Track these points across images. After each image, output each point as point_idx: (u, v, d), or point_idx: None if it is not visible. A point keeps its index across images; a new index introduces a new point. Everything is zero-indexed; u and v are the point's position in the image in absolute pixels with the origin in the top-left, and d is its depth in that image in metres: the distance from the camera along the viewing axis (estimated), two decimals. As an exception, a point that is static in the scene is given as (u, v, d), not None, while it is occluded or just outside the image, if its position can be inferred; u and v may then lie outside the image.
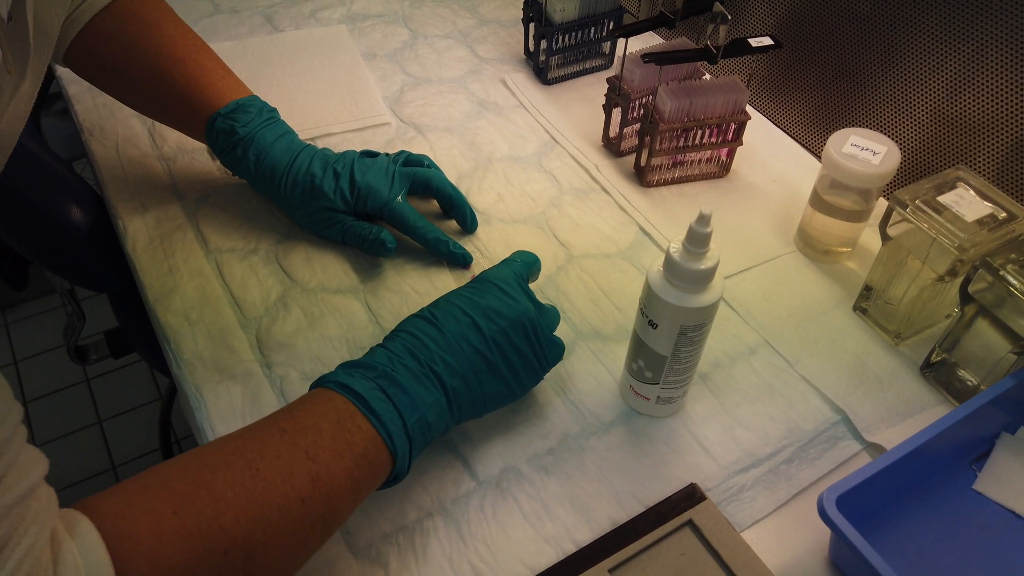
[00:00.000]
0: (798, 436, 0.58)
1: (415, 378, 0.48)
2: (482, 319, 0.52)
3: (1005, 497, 0.55)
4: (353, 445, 0.44)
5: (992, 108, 0.68)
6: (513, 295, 0.54)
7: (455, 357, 0.50)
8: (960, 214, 0.58)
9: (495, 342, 0.52)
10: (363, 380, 0.47)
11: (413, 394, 0.48)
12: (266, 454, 0.42)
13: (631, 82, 0.77)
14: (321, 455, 0.43)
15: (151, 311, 0.65)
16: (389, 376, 0.48)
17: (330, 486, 0.43)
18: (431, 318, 0.52)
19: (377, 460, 0.46)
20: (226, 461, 0.41)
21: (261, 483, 0.40)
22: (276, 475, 0.41)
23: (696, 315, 0.50)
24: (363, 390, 0.46)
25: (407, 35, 0.98)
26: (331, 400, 0.46)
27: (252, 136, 0.67)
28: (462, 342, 0.51)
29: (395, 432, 0.46)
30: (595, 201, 0.77)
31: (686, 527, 0.52)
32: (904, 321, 0.64)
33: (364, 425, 0.45)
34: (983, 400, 0.54)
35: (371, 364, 0.48)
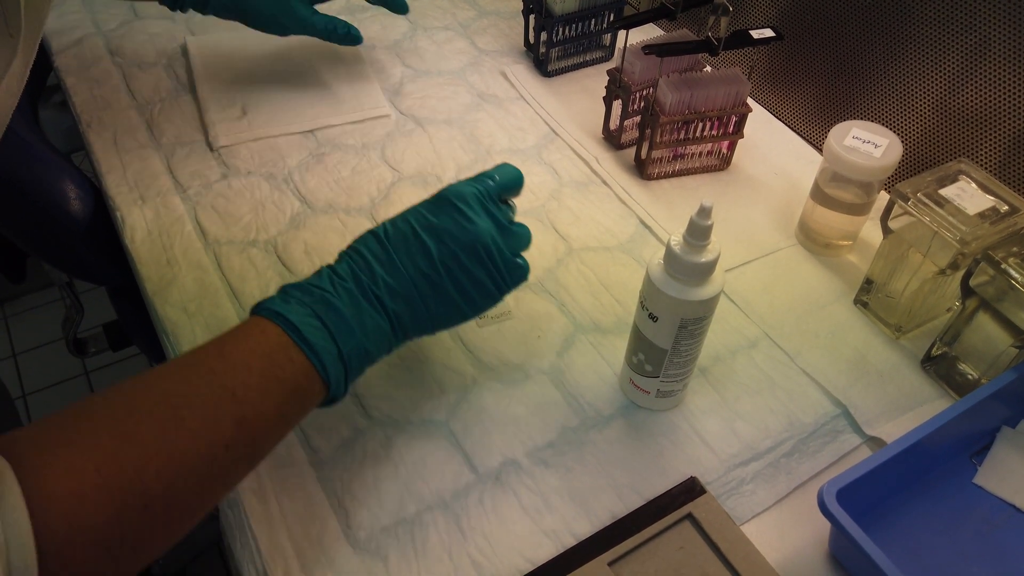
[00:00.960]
0: (798, 429, 0.58)
1: (355, 303, 0.48)
2: (432, 241, 0.50)
3: (1005, 491, 0.55)
4: (284, 380, 0.44)
5: (994, 101, 0.68)
6: (469, 215, 0.51)
7: (399, 281, 0.49)
8: (962, 207, 0.58)
9: (444, 265, 0.50)
10: (299, 307, 0.46)
11: (350, 319, 0.47)
12: (193, 400, 0.41)
13: (632, 74, 0.76)
14: (249, 395, 0.43)
15: (150, 303, 0.65)
16: (327, 302, 0.47)
17: (256, 427, 0.43)
18: (382, 237, 0.51)
19: (309, 390, 0.46)
20: (152, 410, 0.40)
21: (186, 432, 0.40)
22: (201, 423, 0.41)
23: (696, 308, 0.50)
24: (297, 319, 0.46)
25: (406, 27, 0.98)
26: (264, 332, 0.45)
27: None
28: (408, 265, 0.50)
29: (329, 360, 0.46)
30: (595, 194, 0.77)
31: (686, 520, 0.52)
32: (905, 314, 0.63)
33: (297, 357, 0.45)
34: (984, 394, 0.54)
35: (311, 288, 0.48)
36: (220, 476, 0.42)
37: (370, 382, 0.59)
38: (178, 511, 0.40)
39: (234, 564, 0.51)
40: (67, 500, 0.36)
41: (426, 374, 0.60)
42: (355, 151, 0.80)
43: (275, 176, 0.76)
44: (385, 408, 0.58)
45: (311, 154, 0.79)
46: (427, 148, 0.80)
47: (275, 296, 0.48)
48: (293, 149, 0.79)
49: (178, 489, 0.39)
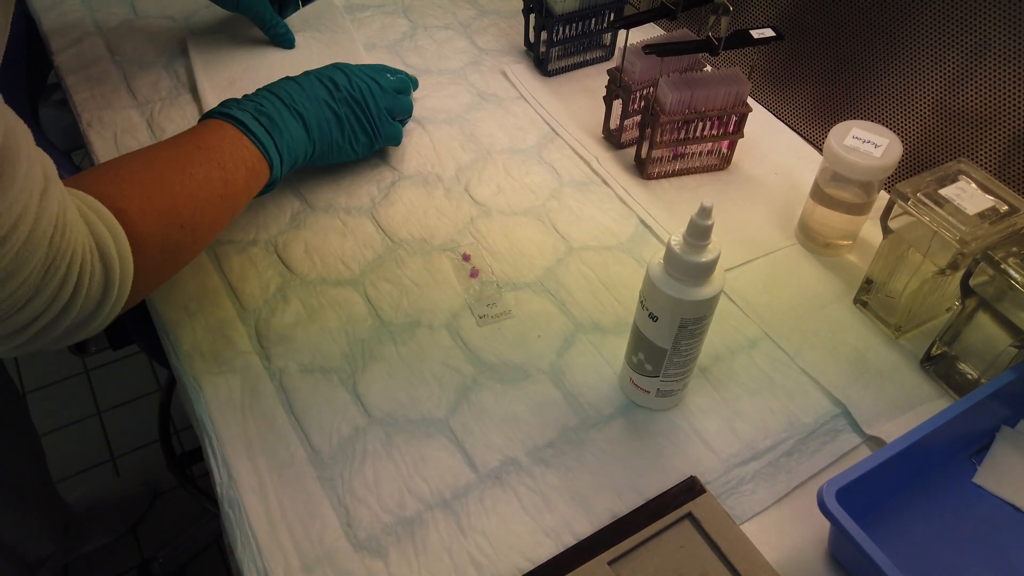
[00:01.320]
0: (798, 429, 0.58)
1: (281, 112, 0.65)
2: (331, 85, 0.70)
3: (1005, 490, 0.55)
4: (245, 159, 0.61)
5: (994, 101, 0.68)
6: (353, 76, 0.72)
7: (311, 102, 0.68)
8: (961, 207, 0.58)
9: (343, 101, 0.70)
10: (242, 112, 0.63)
11: (279, 123, 0.64)
12: (194, 162, 0.57)
13: (632, 74, 0.76)
14: (228, 165, 0.59)
15: (150, 303, 0.65)
16: (262, 111, 0.64)
17: (235, 188, 0.60)
18: (295, 80, 0.69)
19: (261, 172, 0.63)
20: (170, 166, 0.56)
21: (194, 183, 0.56)
22: (204, 178, 0.57)
23: (696, 308, 0.50)
24: (245, 119, 0.62)
25: (406, 26, 0.98)
26: (223, 127, 0.61)
27: None
28: (317, 95, 0.69)
29: (270, 149, 0.63)
30: (595, 193, 0.77)
31: (686, 520, 0.52)
32: (905, 314, 0.63)
33: (249, 145, 0.62)
34: (983, 394, 0.54)
35: (247, 100, 0.65)
36: (218, 217, 0.59)
37: (370, 381, 0.60)
38: (199, 232, 0.57)
39: (234, 563, 0.51)
40: (136, 215, 0.51)
41: (426, 373, 0.60)
42: (355, 150, 0.80)
43: (275, 175, 0.76)
44: (385, 407, 0.58)
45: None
46: (427, 147, 0.80)
47: (221, 105, 0.64)
48: (293, 148, 0.79)
49: (197, 220, 0.56)
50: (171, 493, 1.38)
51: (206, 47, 0.90)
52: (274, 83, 0.69)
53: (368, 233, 0.71)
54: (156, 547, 1.23)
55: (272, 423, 0.57)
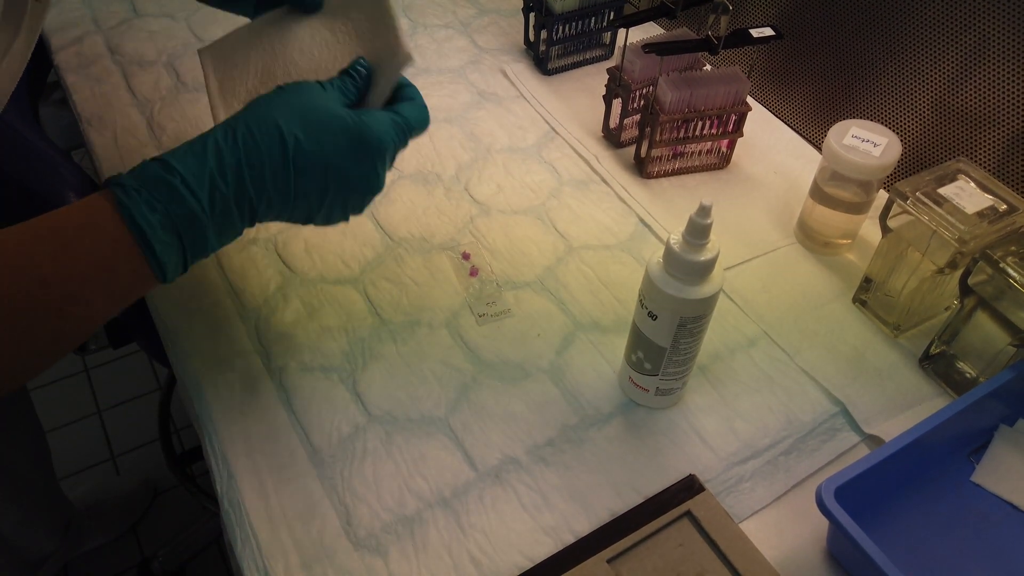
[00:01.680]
0: (797, 428, 0.58)
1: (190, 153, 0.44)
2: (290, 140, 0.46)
3: (1003, 489, 0.55)
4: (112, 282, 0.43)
5: (993, 100, 0.68)
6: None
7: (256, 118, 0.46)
8: (960, 206, 0.58)
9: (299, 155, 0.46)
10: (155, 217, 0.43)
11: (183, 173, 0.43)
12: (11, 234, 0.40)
13: (631, 73, 0.76)
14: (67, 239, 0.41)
15: (150, 302, 0.65)
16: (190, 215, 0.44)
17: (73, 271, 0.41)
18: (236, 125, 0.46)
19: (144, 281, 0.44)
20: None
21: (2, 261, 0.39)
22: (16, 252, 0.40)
23: (695, 307, 0.50)
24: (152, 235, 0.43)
25: (406, 25, 0.98)
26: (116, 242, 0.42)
27: None
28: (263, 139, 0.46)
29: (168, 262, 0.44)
30: (595, 192, 0.77)
31: (684, 518, 0.52)
32: (903, 313, 0.64)
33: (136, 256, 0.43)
34: (982, 392, 0.54)
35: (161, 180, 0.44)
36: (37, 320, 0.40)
37: (370, 379, 0.60)
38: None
39: (235, 561, 0.51)
40: None
41: (426, 372, 0.60)
42: (355, 149, 0.80)
43: (275, 174, 0.76)
44: (385, 405, 0.58)
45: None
46: (427, 146, 0.81)
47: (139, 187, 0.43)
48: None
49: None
50: (171, 492, 1.38)
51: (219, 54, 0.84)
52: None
53: (368, 232, 0.71)
54: (156, 546, 1.23)
55: (272, 422, 0.57)
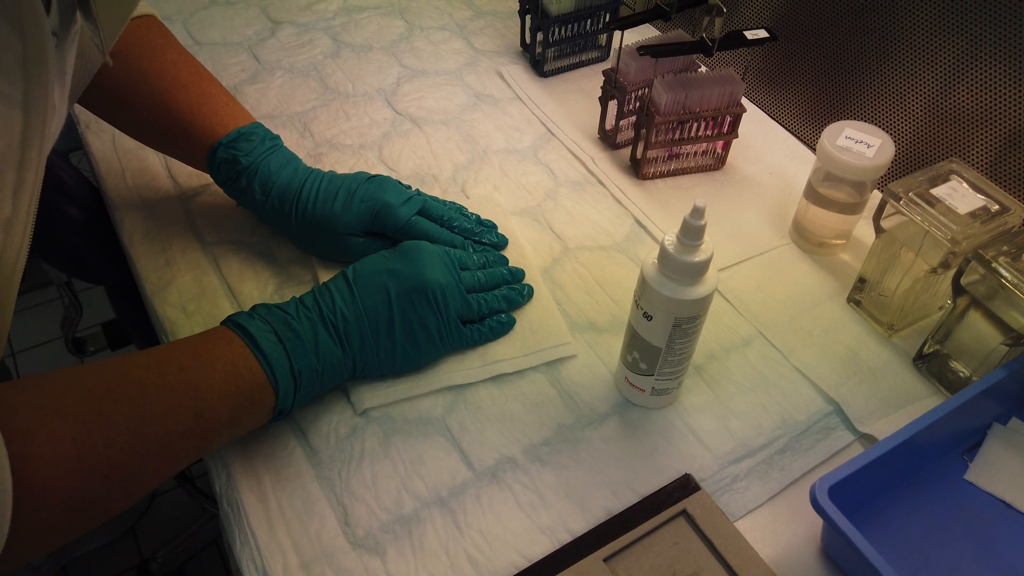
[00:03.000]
0: (791, 427, 0.59)
1: (313, 327, 0.54)
2: (391, 281, 0.57)
3: (996, 487, 0.56)
4: (240, 386, 0.50)
5: (985, 101, 0.68)
6: (428, 263, 0.58)
7: (355, 313, 0.55)
8: (953, 207, 0.58)
9: (399, 303, 0.57)
10: (261, 323, 0.53)
11: (306, 340, 0.53)
12: (162, 390, 0.47)
13: (627, 74, 0.77)
14: (210, 395, 0.48)
15: (149, 303, 0.65)
16: (287, 323, 0.53)
17: (210, 423, 0.49)
18: (348, 277, 0.57)
19: (261, 399, 0.51)
20: (128, 392, 0.46)
21: (151, 417, 0.46)
22: (166, 410, 0.46)
23: (690, 307, 0.51)
24: (257, 333, 0.52)
25: (403, 27, 0.98)
26: (230, 342, 0.51)
27: (256, 165, 0.64)
28: (367, 299, 0.56)
29: (280, 372, 0.51)
30: (591, 193, 0.77)
31: (680, 517, 0.52)
32: (897, 313, 0.64)
33: (255, 367, 0.51)
34: (975, 391, 0.54)
35: (275, 309, 0.54)
36: (171, 459, 0.48)
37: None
38: (131, 483, 0.45)
39: (233, 561, 0.51)
40: (45, 466, 0.40)
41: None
42: (352, 151, 0.80)
43: (273, 176, 0.77)
44: (382, 406, 0.59)
45: (308, 154, 0.79)
46: (424, 148, 0.81)
47: (243, 312, 0.54)
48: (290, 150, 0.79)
49: (135, 465, 0.45)
50: (169, 493, 1.38)
51: None
52: (330, 280, 0.58)
53: (365, 234, 0.72)
54: (155, 547, 1.23)
55: (270, 423, 0.57)
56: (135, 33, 0.64)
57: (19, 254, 0.43)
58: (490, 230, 0.70)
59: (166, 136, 0.67)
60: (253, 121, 0.66)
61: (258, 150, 0.65)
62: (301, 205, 0.64)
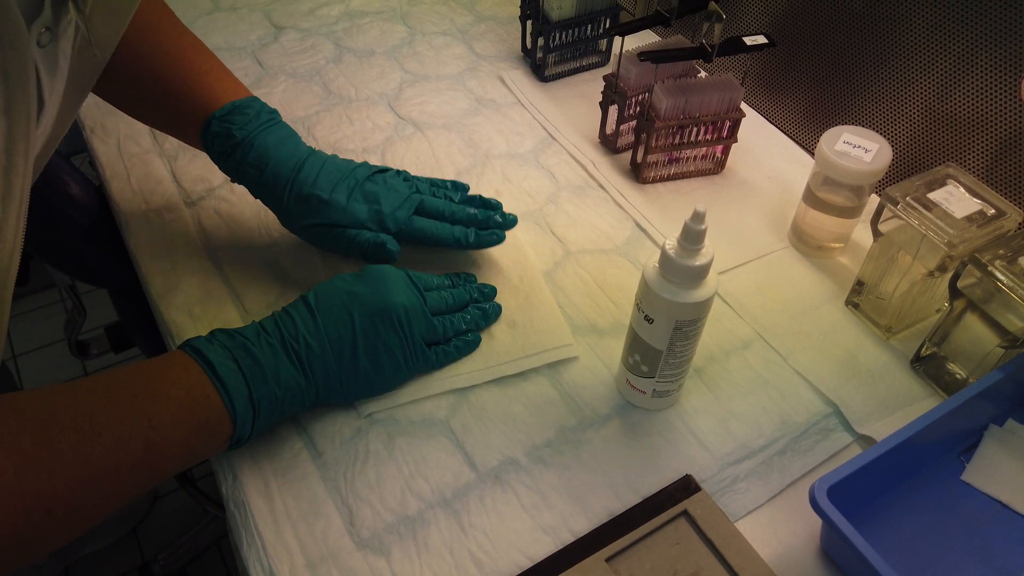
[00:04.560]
0: (791, 428, 0.59)
1: (273, 353, 0.52)
2: (354, 306, 0.56)
3: (993, 487, 0.56)
4: (196, 414, 0.48)
5: (982, 106, 0.69)
6: (391, 287, 0.57)
7: (318, 340, 0.54)
8: (950, 211, 0.59)
9: (363, 328, 0.55)
10: (220, 349, 0.51)
11: (266, 367, 0.51)
12: (112, 419, 0.45)
13: (627, 80, 0.78)
14: (162, 424, 0.46)
15: (155, 307, 0.66)
16: (247, 349, 0.51)
17: (162, 453, 0.47)
18: (310, 302, 0.56)
19: (218, 427, 0.50)
20: (75, 422, 0.43)
21: (100, 448, 0.43)
22: (115, 441, 0.44)
23: (691, 310, 0.51)
24: (216, 359, 0.50)
25: (405, 32, 0.99)
26: (186, 368, 0.50)
27: (251, 139, 0.62)
28: (330, 326, 0.55)
29: (238, 400, 0.50)
30: (592, 197, 0.78)
31: (681, 517, 0.53)
32: (895, 315, 0.65)
33: (211, 393, 0.49)
34: (972, 393, 0.55)
35: (235, 334, 0.53)
36: (119, 492, 0.45)
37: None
38: (75, 517, 0.43)
39: (240, 562, 0.52)
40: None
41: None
42: (356, 155, 0.81)
43: (277, 180, 0.77)
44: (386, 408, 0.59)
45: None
46: (426, 152, 0.82)
47: (202, 336, 0.53)
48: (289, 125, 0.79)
49: (80, 498, 0.42)
50: (171, 495, 1.39)
51: None
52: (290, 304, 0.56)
53: (368, 237, 0.72)
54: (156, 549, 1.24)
55: (275, 425, 0.58)
56: None
57: (11, 258, 0.42)
58: (496, 211, 0.68)
59: (161, 111, 0.66)
60: (250, 95, 0.65)
61: (253, 124, 0.63)
62: (296, 187, 0.62)
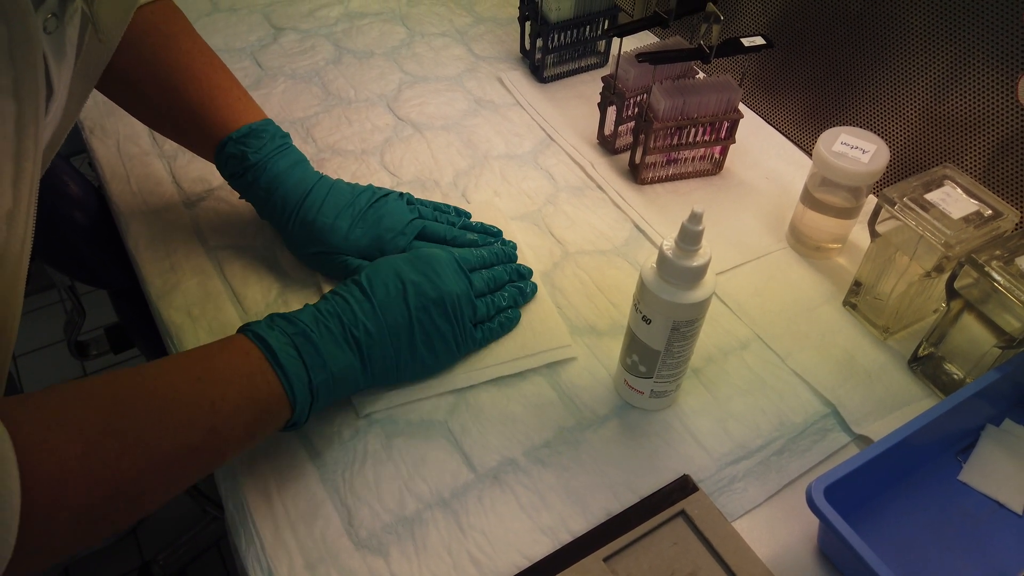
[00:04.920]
0: (788, 428, 0.60)
1: (333, 340, 0.53)
2: (410, 293, 0.57)
3: (989, 487, 0.57)
4: (257, 400, 0.49)
5: (978, 107, 0.69)
6: (443, 273, 0.59)
7: (376, 325, 0.55)
8: (947, 211, 0.59)
9: (417, 317, 0.57)
10: (280, 335, 0.51)
11: (325, 355, 0.52)
12: (175, 401, 0.46)
13: (626, 81, 0.78)
14: (224, 407, 0.47)
15: (154, 307, 0.66)
16: (306, 335, 0.52)
17: (224, 437, 0.48)
18: (365, 286, 0.56)
19: (277, 412, 0.50)
20: (137, 405, 0.44)
21: (163, 431, 0.44)
22: (178, 426, 0.45)
23: (688, 311, 0.51)
24: (277, 346, 0.50)
25: (404, 33, 0.99)
26: (247, 354, 0.50)
27: (263, 163, 0.64)
28: (386, 313, 0.56)
29: (298, 387, 0.50)
30: (590, 198, 0.78)
31: (679, 517, 0.53)
32: (892, 316, 0.65)
33: (272, 379, 0.50)
34: (968, 393, 0.55)
35: (295, 320, 0.53)
36: (183, 474, 0.47)
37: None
38: (141, 498, 0.44)
39: (239, 563, 0.52)
40: (51, 482, 0.39)
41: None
42: (355, 156, 0.81)
43: (276, 181, 0.77)
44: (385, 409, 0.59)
45: (311, 160, 0.80)
46: (425, 153, 0.82)
47: (262, 321, 0.53)
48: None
49: (145, 480, 0.44)
50: (171, 496, 1.39)
51: None
52: (342, 286, 0.57)
53: (367, 238, 0.72)
54: (156, 549, 1.24)
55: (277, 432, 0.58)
56: (148, 19, 0.64)
57: (23, 245, 0.42)
58: (496, 238, 0.71)
59: (177, 126, 0.67)
60: (264, 118, 0.66)
61: (267, 147, 0.64)
62: (302, 214, 0.64)
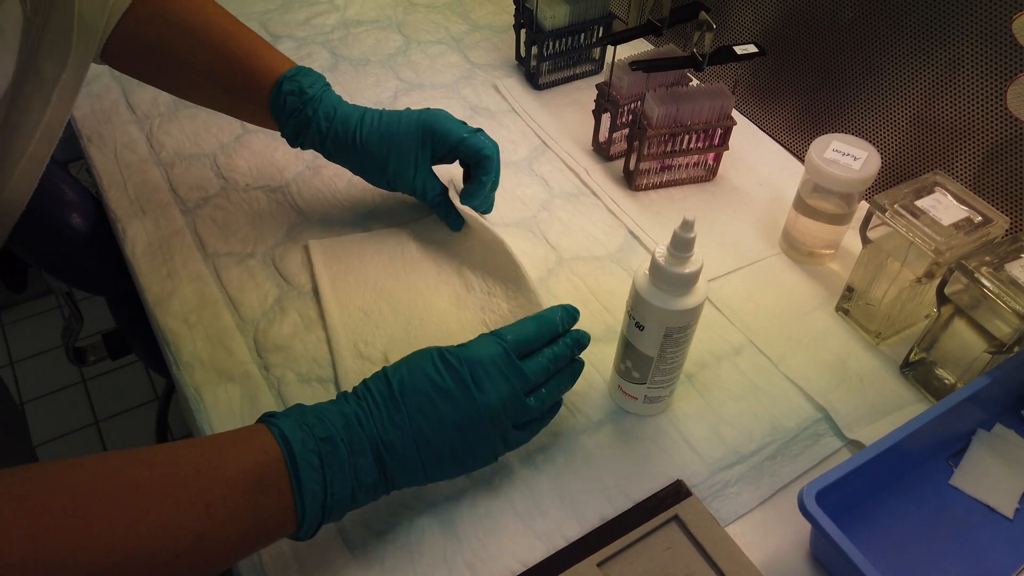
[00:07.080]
0: (781, 433, 0.60)
1: (361, 451, 0.47)
2: (442, 405, 0.49)
3: (980, 492, 0.57)
4: (261, 506, 0.43)
5: (968, 114, 0.70)
6: (484, 383, 0.50)
7: (402, 439, 0.48)
8: (937, 218, 0.60)
9: (448, 432, 0.49)
10: (308, 438, 0.45)
11: (348, 469, 0.46)
12: (166, 497, 0.40)
13: (620, 88, 0.78)
14: (219, 512, 0.41)
15: (151, 314, 0.66)
16: (333, 443, 0.46)
17: (214, 547, 0.41)
18: (395, 391, 0.49)
19: (281, 525, 0.44)
20: (122, 493, 0.39)
21: (145, 529, 0.39)
22: (164, 526, 0.39)
23: (681, 317, 0.52)
24: (300, 451, 0.44)
25: (400, 41, 1.00)
26: (267, 452, 0.44)
27: (319, 95, 0.68)
28: (414, 423, 0.48)
29: (311, 506, 0.44)
30: (585, 205, 0.79)
31: (672, 522, 0.54)
32: (884, 321, 0.65)
33: (284, 488, 0.44)
34: (959, 398, 0.55)
35: (325, 420, 0.46)
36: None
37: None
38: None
39: (236, 571, 0.52)
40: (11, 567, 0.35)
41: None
42: (350, 164, 0.81)
43: (272, 189, 0.78)
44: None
45: (307, 166, 0.81)
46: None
47: (292, 412, 0.47)
48: (290, 162, 0.81)
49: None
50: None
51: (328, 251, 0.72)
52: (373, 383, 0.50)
53: (363, 245, 0.72)
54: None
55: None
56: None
57: None
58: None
59: (221, 82, 0.69)
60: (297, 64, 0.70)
61: (319, 82, 0.69)
62: (365, 125, 0.68)
